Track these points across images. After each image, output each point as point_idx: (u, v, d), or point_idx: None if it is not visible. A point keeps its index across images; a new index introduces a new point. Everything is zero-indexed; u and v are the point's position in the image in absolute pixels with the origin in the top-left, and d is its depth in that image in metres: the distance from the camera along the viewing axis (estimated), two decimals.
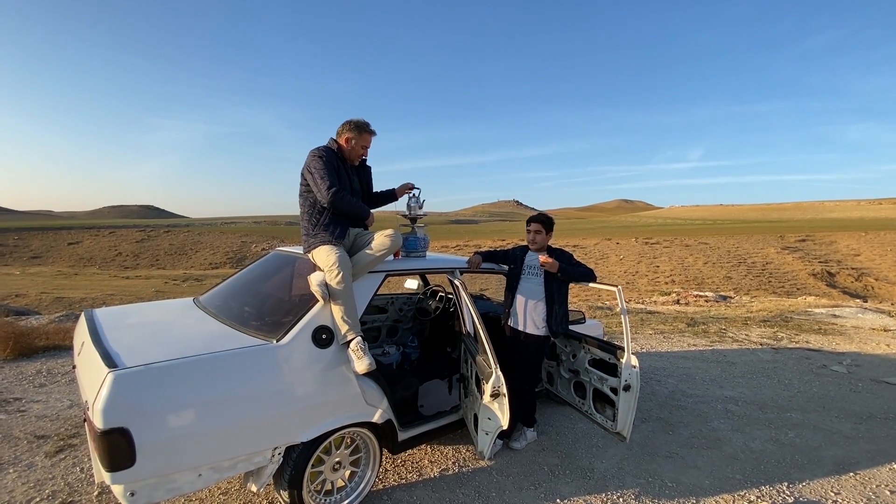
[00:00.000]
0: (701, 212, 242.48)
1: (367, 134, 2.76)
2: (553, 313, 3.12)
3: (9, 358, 4.76)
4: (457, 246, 42.67)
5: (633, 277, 29.62)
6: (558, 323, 3.12)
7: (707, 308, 11.78)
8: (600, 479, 2.93)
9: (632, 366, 2.78)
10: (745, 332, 7.71)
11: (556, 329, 3.12)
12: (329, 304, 2.35)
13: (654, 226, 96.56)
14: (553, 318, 3.12)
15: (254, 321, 2.45)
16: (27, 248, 49.87)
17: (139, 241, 55.03)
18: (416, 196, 3.14)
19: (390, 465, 2.97)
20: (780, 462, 3.26)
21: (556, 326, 3.12)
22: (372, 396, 2.44)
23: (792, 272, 29.72)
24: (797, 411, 4.20)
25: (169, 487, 1.85)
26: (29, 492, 2.54)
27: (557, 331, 3.13)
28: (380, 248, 2.55)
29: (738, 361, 5.83)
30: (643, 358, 5.81)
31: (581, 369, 3.25)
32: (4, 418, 3.43)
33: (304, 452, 2.21)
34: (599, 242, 42.84)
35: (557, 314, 3.13)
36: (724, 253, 35.51)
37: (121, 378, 1.76)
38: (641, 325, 8.31)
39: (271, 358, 2.13)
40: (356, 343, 2.29)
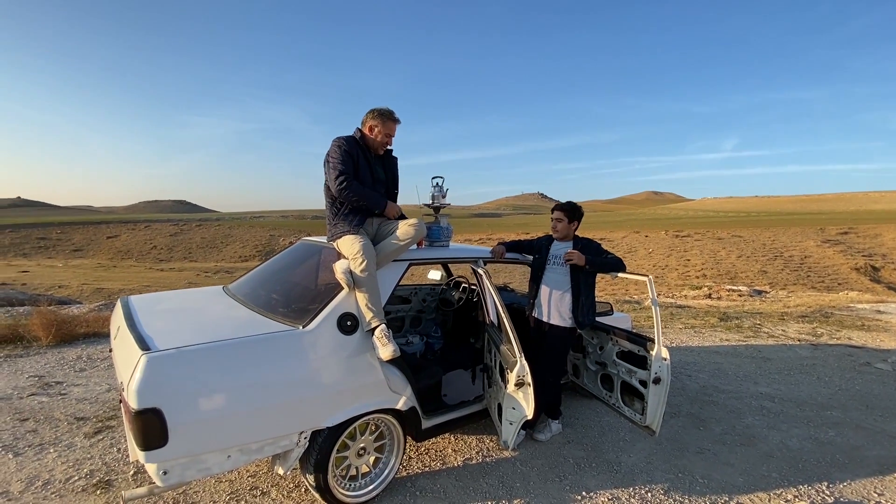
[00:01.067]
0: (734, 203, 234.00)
1: (390, 122, 2.73)
2: (579, 304, 3.04)
3: (51, 344, 5.01)
4: (479, 239, 42.54)
5: (662, 271, 28.89)
6: (585, 314, 3.04)
7: (740, 303, 11.37)
8: (628, 473, 2.87)
9: (662, 358, 2.69)
10: (782, 328, 7.40)
11: (582, 320, 3.04)
12: (354, 292, 2.36)
13: (684, 218, 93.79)
14: (579, 310, 3.04)
15: (281, 308, 2.48)
16: (69, 241, 52.42)
17: (173, 234, 57.09)
18: (439, 185, 3.12)
19: (414, 453, 2.98)
20: (819, 461, 3.11)
21: (582, 318, 3.03)
22: (396, 384, 2.44)
23: (833, 266, 28.37)
24: (838, 409, 4.00)
25: (200, 468, 1.90)
26: (68, 470, 2.66)
27: (584, 322, 3.05)
28: (404, 237, 2.55)
29: (774, 357, 5.60)
30: (672, 352, 5.65)
31: (608, 361, 3.17)
32: (47, 401, 3.61)
33: (329, 437, 2.23)
34: (627, 235, 41.92)
35: (584, 305, 3.04)
36: (758, 246, 34.19)
37: (154, 360, 1.81)
38: (671, 320, 8.08)
39: (297, 343, 2.15)
40: (380, 330, 2.29)
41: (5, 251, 45.29)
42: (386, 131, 2.72)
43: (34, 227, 61.88)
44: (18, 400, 3.62)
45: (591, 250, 3.12)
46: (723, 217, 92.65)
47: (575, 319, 3.06)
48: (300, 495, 2.49)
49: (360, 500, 2.41)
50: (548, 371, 3.11)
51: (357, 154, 2.65)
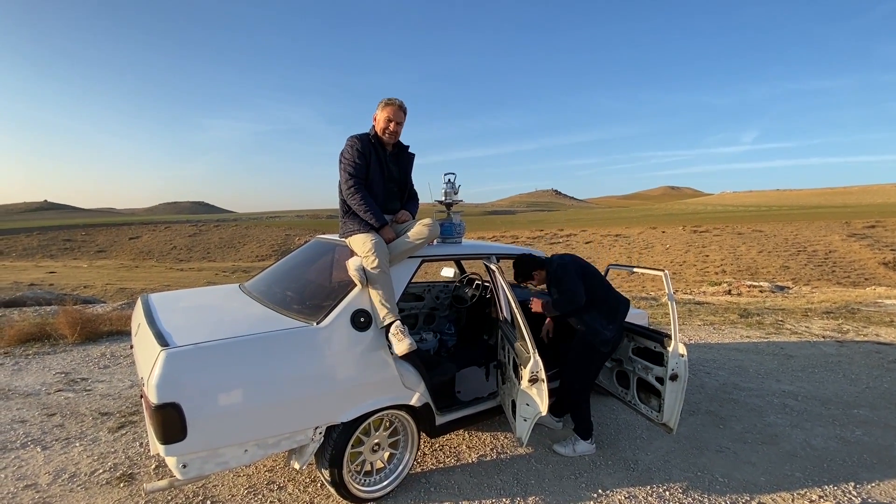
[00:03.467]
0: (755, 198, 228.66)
1: (390, 107, 2.64)
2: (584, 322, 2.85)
3: (77, 342, 5.16)
4: (493, 237, 42.39)
5: (680, 267, 28.41)
6: (601, 328, 2.82)
7: (762, 299, 11.10)
8: (645, 471, 2.83)
9: (679, 354, 2.64)
10: (806, 324, 7.20)
11: (604, 337, 2.81)
12: (367, 289, 2.37)
13: (702, 213, 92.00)
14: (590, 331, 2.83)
15: (295, 305, 2.51)
16: (93, 242, 53.95)
17: (191, 235, 58.27)
18: (452, 181, 3.11)
19: (428, 450, 2.98)
20: (845, 461, 3.02)
21: (603, 334, 2.80)
22: (410, 380, 2.45)
23: (859, 261, 27.51)
24: (865, 408, 3.88)
25: (218, 461, 1.94)
26: (93, 464, 2.74)
27: (608, 337, 2.82)
28: (417, 236, 2.55)
29: (797, 354, 5.45)
30: (691, 349, 5.54)
31: (624, 358, 3.13)
32: (73, 396, 3.72)
33: (344, 432, 2.25)
34: (644, 231, 41.30)
35: (589, 322, 2.84)
36: (780, 241, 33.36)
37: (172, 356, 1.85)
38: (689, 316, 7.94)
39: (312, 339, 2.17)
40: (396, 326, 2.30)
41: (34, 253, 46.84)
42: (386, 116, 2.64)
43: (60, 229, 63.88)
44: (46, 396, 3.74)
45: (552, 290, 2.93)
46: (743, 211, 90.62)
47: (595, 339, 2.83)
48: (316, 490, 2.52)
49: (375, 495, 2.43)
50: (572, 373, 2.97)
51: (370, 153, 2.66)
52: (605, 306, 2.89)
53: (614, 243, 37.11)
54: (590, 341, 2.85)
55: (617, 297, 2.99)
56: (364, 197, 2.57)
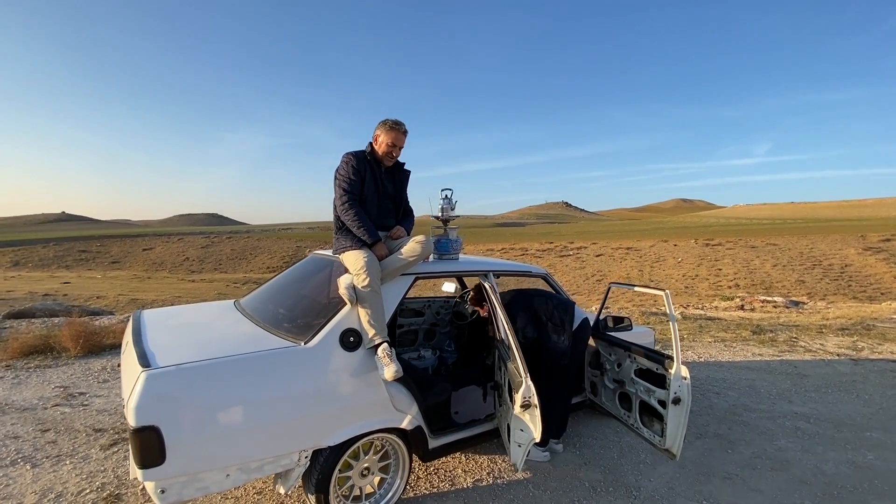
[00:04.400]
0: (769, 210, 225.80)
1: (394, 132, 2.69)
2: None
3: (79, 355, 5.18)
4: (502, 249, 42.24)
5: (692, 281, 27.96)
6: (554, 343, 2.98)
7: (776, 314, 10.83)
8: (647, 498, 2.71)
9: (682, 377, 2.54)
10: (820, 342, 6.98)
11: (562, 349, 2.98)
12: (357, 308, 2.32)
13: (715, 226, 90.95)
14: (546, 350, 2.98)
15: (286, 323, 2.47)
16: (108, 254, 54.83)
17: (204, 246, 58.97)
18: (448, 197, 3.07)
19: (422, 473, 2.90)
20: (856, 487, 2.87)
21: (557, 347, 2.98)
22: (401, 402, 2.38)
23: (875, 275, 26.85)
24: (879, 430, 3.71)
25: (198, 486, 1.88)
26: (81, 483, 2.70)
27: (564, 348, 2.98)
28: (410, 253, 2.51)
29: (810, 374, 5.27)
30: (700, 368, 5.40)
31: (626, 379, 3.03)
32: (69, 412, 3.70)
33: (331, 457, 2.18)
34: (655, 244, 40.85)
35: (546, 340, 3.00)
36: (795, 255, 32.75)
37: (152, 377, 1.81)
38: (700, 333, 7.75)
39: (298, 360, 2.12)
40: (382, 350, 2.25)
41: (49, 263, 47.71)
42: (389, 141, 2.70)
43: (76, 240, 65.13)
44: (42, 410, 3.72)
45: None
46: (756, 224, 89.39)
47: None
48: None
49: None
50: (546, 393, 3.04)
51: (365, 170, 2.65)
52: (554, 321, 3.02)
53: (625, 256, 36.71)
54: (548, 356, 2.97)
55: (563, 307, 3.09)
56: (358, 213, 2.54)
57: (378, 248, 2.54)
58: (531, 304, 3.07)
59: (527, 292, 3.21)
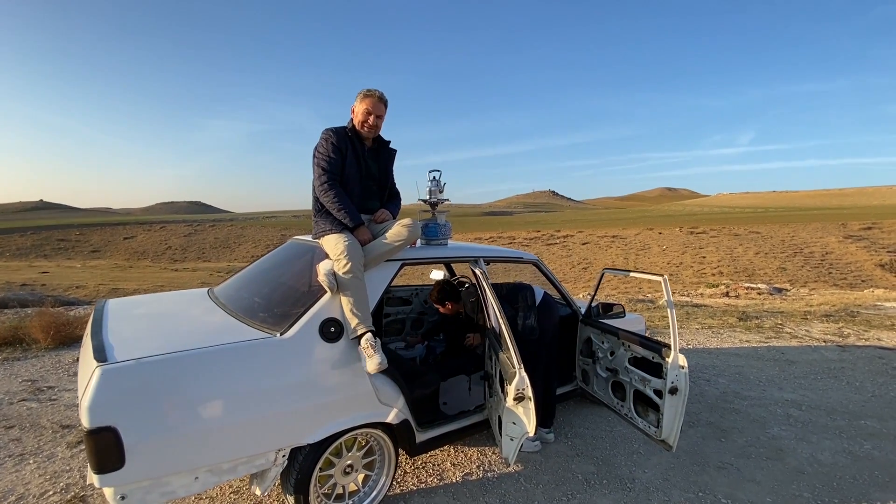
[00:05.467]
0: (752, 199, 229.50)
1: (369, 98, 2.46)
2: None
3: (50, 347, 4.93)
4: (490, 238, 42.20)
5: (677, 269, 28.27)
6: (521, 321, 2.87)
7: (760, 301, 10.95)
8: (642, 490, 2.62)
9: (679, 366, 2.44)
10: (806, 328, 7.03)
11: (529, 325, 2.86)
12: (338, 296, 2.16)
13: (699, 214, 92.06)
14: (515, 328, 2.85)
15: (262, 312, 2.29)
16: (88, 242, 53.43)
17: (187, 235, 57.84)
18: (437, 179, 2.90)
19: (410, 468, 2.77)
20: (856, 478, 2.83)
21: (525, 325, 2.85)
22: (386, 395, 2.24)
23: (855, 263, 27.45)
24: (873, 419, 3.69)
25: (163, 491, 1.72)
26: (44, 484, 2.52)
27: (531, 324, 2.87)
28: (395, 238, 2.34)
29: (798, 360, 5.27)
30: (689, 355, 5.36)
31: (620, 368, 2.93)
32: (36, 407, 3.49)
33: (310, 455, 2.04)
34: (640, 233, 41.18)
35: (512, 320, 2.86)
36: (777, 242, 33.31)
37: (109, 373, 1.63)
38: (687, 319, 7.77)
39: (274, 352, 1.96)
40: (366, 339, 2.09)
41: (27, 253, 46.33)
42: (364, 108, 2.46)
43: (55, 228, 63.29)
44: (8, 406, 3.51)
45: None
46: (739, 213, 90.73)
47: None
48: None
49: None
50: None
51: (346, 147, 2.46)
52: (513, 305, 2.92)
53: (611, 244, 36.94)
54: (522, 338, 2.79)
55: (518, 288, 3.01)
56: (338, 194, 2.36)
57: (360, 233, 2.37)
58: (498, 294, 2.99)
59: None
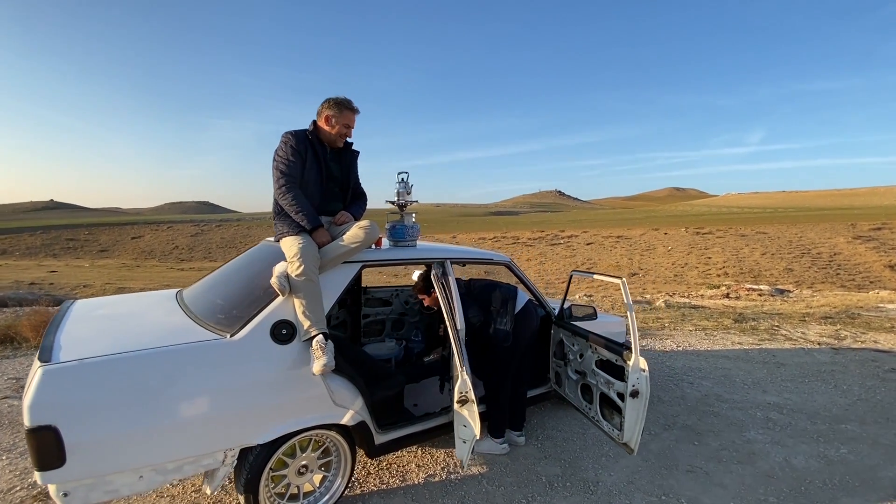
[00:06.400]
0: (760, 199, 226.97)
1: (348, 111, 2.54)
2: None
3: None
4: (494, 237, 42.13)
5: (681, 270, 28.03)
6: (499, 326, 2.85)
7: (760, 303, 10.82)
8: (605, 494, 2.61)
9: (640, 369, 2.43)
10: (802, 330, 6.94)
11: (503, 332, 2.84)
12: (291, 298, 2.17)
13: (706, 215, 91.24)
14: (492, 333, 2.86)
15: (220, 314, 2.30)
16: (96, 242, 54.07)
17: (193, 234, 58.34)
18: (405, 181, 2.91)
19: (374, 468, 2.78)
20: (825, 483, 2.79)
21: (500, 331, 2.83)
22: (342, 396, 2.25)
23: (864, 264, 27.03)
24: (854, 422, 3.64)
25: (106, 489, 1.75)
26: (13, 480, 2.56)
27: (506, 330, 2.85)
28: (352, 240, 2.35)
29: (789, 363, 5.21)
30: (677, 357, 5.32)
31: (588, 371, 2.91)
32: (17, 404, 3.55)
33: (261, 455, 2.05)
34: (646, 233, 40.88)
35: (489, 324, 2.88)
36: (784, 243, 32.90)
37: (50, 373, 1.66)
38: (681, 321, 7.69)
39: (222, 354, 1.97)
40: (317, 342, 2.10)
41: (37, 252, 46.99)
42: (344, 122, 2.54)
43: (64, 228, 64.15)
44: None
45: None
46: (747, 213, 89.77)
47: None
48: None
49: None
50: (491, 374, 2.96)
51: (306, 150, 2.47)
52: (495, 304, 2.89)
53: (615, 244, 36.71)
54: (493, 341, 2.84)
55: (503, 292, 2.95)
56: (296, 196, 2.38)
57: (318, 235, 2.38)
58: (472, 291, 2.97)
59: (471, 280, 3.13)
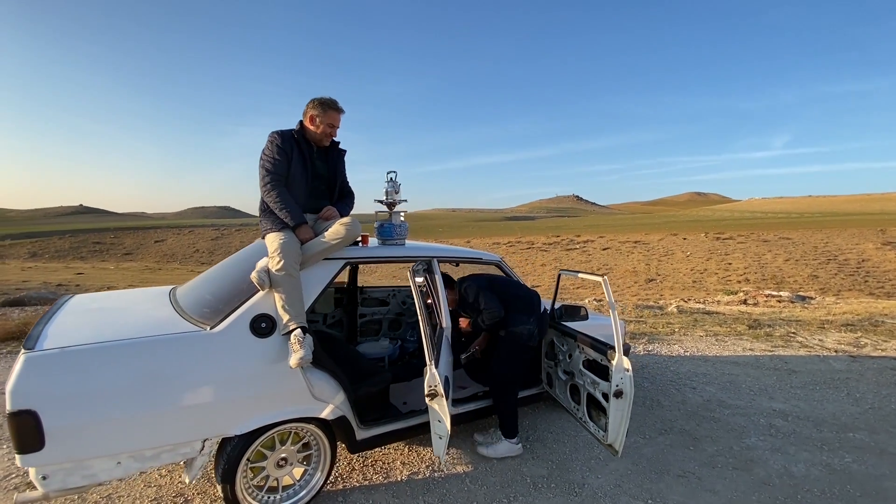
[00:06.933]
0: (785, 204, 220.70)
1: (332, 111, 2.60)
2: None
3: None
4: (508, 242, 41.95)
5: (700, 275, 27.41)
6: (523, 323, 2.90)
7: (778, 309, 10.49)
8: (589, 496, 2.56)
9: (624, 369, 2.39)
10: (820, 337, 6.70)
11: (529, 330, 2.90)
12: (272, 292, 2.21)
13: (728, 220, 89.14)
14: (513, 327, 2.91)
15: (206, 308, 2.36)
16: (121, 245, 55.77)
17: (214, 238, 59.68)
18: (393, 180, 2.94)
19: (358, 465, 2.79)
20: (824, 492, 2.69)
21: (526, 327, 2.89)
22: (322, 391, 2.27)
23: (894, 270, 26.01)
24: (863, 431, 3.50)
25: (84, 474, 1.80)
26: (9, 467, 2.66)
27: (532, 330, 2.91)
28: (333, 236, 2.39)
29: (801, 370, 5.03)
30: (683, 362, 5.20)
31: (576, 371, 2.88)
32: None
33: (238, 446, 2.08)
34: (664, 238, 40.17)
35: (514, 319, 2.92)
36: (809, 249, 31.89)
37: (32, 360, 1.73)
38: (693, 327, 7.50)
39: (202, 346, 2.02)
40: (295, 335, 2.13)
41: (65, 254, 48.67)
42: (328, 121, 2.60)
43: (91, 232, 66.41)
44: (2, 395, 3.71)
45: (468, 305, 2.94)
46: (771, 218, 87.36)
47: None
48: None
49: None
50: (501, 368, 2.92)
51: (292, 149, 2.53)
52: (520, 303, 2.96)
53: (632, 250, 36.13)
54: (515, 338, 2.87)
55: (528, 291, 3.10)
56: (281, 193, 2.43)
57: (302, 231, 2.42)
58: (494, 284, 3.02)
59: (493, 277, 3.17)
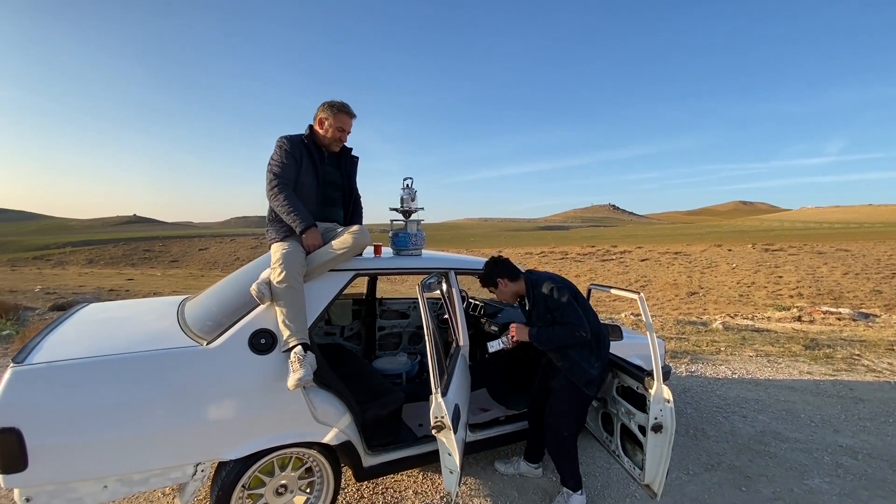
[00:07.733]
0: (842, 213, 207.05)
1: (342, 114, 2.47)
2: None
3: None
4: (541, 252, 41.11)
5: (747, 289, 25.81)
6: (588, 366, 2.35)
7: (838, 328, 9.60)
8: None
9: (664, 399, 2.09)
10: (889, 360, 6.02)
11: (591, 377, 2.35)
12: (273, 306, 2.07)
13: (778, 230, 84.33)
14: (575, 369, 2.36)
15: (210, 321, 2.25)
16: (168, 253, 58.68)
17: (253, 247, 61.79)
18: (409, 186, 2.77)
19: (367, 492, 2.59)
20: None
21: (589, 373, 2.35)
22: (325, 413, 2.10)
23: None
24: None
25: (70, 497, 1.70)
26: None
27: (594, 377, 2.36)
28: (341, 246, 2.24)
29: (869, 398, 4.48)
30: (730, 386, 4.74)
31: (608, 398, 2.59)
32: None
33: (233, 472, 1.94)
34: (707, 249, 38.28)
35: (581, 358, 2.36)
36: (871, 261, 29.49)
37: (18, 375, 1.65)
38: (741, 346, 6.92)
39: (195, 363, 1.89)
40: (295, 353, 1.97)
41: (118, 262, 51.67)
42: (337, 125, 2.47)
43: (142, 240, 70.35)
44: None
45: (541, 311, 2.40)
46: (827, 228, 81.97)
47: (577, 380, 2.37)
48: None
49: None
50: (556, 418, 2.46)
51: (301, 154, 2.41)
52: (593, 340, 2.38)
53: (673, 261, 34.56)
54: (574, 382, 2.37)
55: (602, 327, 2.50)
56: (288, 197, 2.30)
57: (310, 235, 2.27)
58: (580, 298, 2.46)
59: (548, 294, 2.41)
